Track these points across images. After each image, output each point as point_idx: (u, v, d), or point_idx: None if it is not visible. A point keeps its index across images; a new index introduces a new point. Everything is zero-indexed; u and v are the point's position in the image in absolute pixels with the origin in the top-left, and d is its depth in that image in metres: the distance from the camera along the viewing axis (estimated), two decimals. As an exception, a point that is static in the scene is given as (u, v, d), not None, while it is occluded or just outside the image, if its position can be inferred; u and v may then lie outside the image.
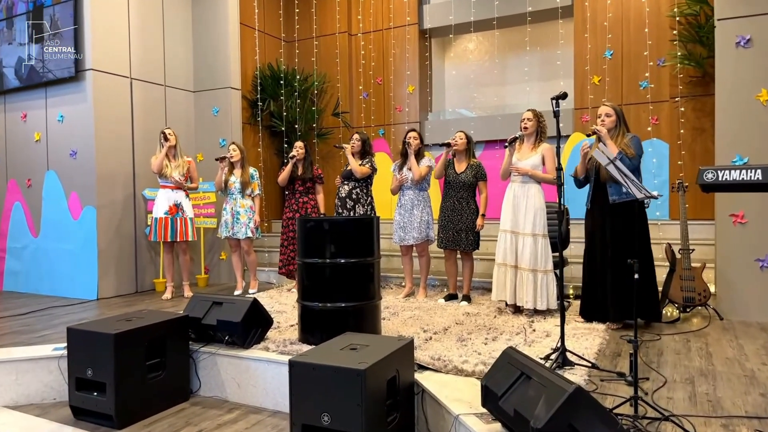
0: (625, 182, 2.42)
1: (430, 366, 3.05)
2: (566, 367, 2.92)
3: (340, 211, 5.24)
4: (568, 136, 6.58)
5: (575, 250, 5.05)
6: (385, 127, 7.70)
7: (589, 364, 2.95)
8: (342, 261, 3.48)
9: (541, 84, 7.36)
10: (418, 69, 7.55)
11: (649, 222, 4.02)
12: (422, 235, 4.97)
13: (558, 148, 2.93)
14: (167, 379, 3.32)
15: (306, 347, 3.44)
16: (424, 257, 5.11)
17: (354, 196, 5.24)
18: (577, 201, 6.01)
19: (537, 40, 7.22)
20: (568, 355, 3.00)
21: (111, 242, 5.71)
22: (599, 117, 3.97)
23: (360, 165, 5.18)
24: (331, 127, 7.83)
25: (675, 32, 5.88)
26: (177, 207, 5.43)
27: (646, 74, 6.21)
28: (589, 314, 4.08)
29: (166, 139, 5.40)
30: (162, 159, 5.39)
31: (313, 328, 3.55)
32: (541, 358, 3.11)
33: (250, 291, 5.72)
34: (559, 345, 3.01)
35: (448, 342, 3.55)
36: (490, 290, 5.28)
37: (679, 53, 5.85)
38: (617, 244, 3.89)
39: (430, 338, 3.63)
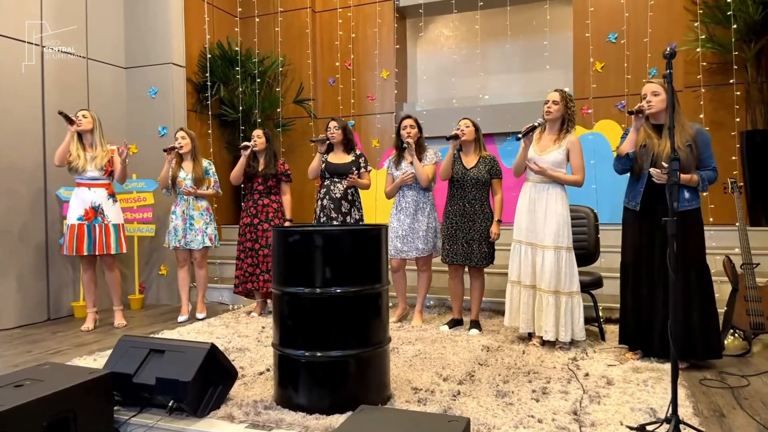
0: None
1: (482, 449, 2.07)
2: (682, 448, 2.02)
3: (334, 215, 4.17)
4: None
5: (606, 262, 4.21)
6: (356, 117, 6.68)
7: (712, 442, 2.06)
8: (338, 291, 2.46)
9: (530, 74, 6.54)
10: (393, 52, 6.56)
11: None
12: (428, 246, 3.99)
13: (671, 128, 2.03)
14: (78, 474, 2.19)
15: (289, 414, 2.40)
16: (426, 273, 4.13)
17: (350, 198, 4.20)
18: (608, 201, 5.22)
19: (526, 25, 6.41)
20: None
21: (11, 256, 4.41)
22: (644, 97, 3.18)
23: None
24: (293, 117, 6.72)
25: (698, 12, 5.16)
26: (95, 210, 4.19)
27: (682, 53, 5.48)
28: (631, 342, 3.28)
29: (71, 122, 4.12)
30: (65, 147, 4.13)
31: (296, 384, 2.50)
32: (631, 428, 2.20)
33: (198, 316, 4.57)
34: (664, 414, 2.11)
35: (484, 398, 2.58)
36: (497, 312, 4.41)
37: (701, 36, 5.12)
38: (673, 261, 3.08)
39: (458, 392, 2.66)
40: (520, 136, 3.32)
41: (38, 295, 4.60)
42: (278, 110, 6.65)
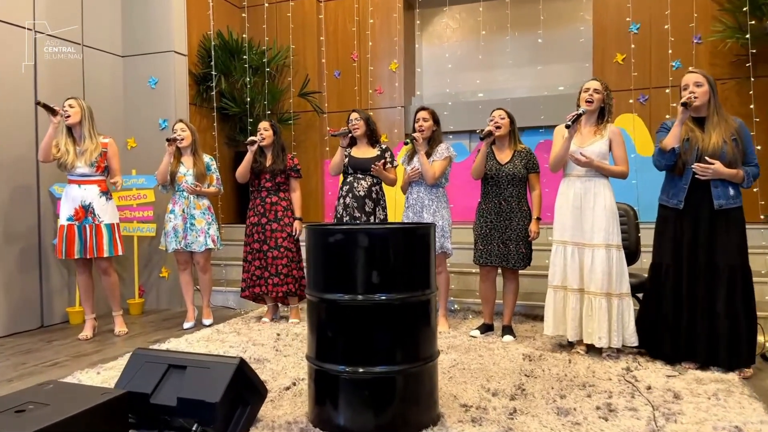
0: None
1: (565, 482, 1.80)
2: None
3: (357, 215, 3.86)
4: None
5: (647, 263, 3.95)
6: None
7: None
8: (383, 298, 2.17)
9: (547, 66, 6.30)
10: (403, 43, 6.28)
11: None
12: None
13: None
14: None
15: (330, 439, 2.11)
16: (442, 274, 3.85)
17: (374, 196, 3.90)
18: (646, 197, 4.92)
19: (546, 16, 6.17)
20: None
21: (0, 258, 4.05)
22: (685, 88, 2.99)
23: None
24: (297, 111, 6.40)
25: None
26: (85, 210, 3.82)
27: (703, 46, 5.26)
28: (658, 347, 3.09)
29: (53, 113, 3.69)
30: (48, 141, 3.72)
31: (336, 403, 2.20)
32: (724, 453, 1.94)
33: (205, 322, 4.24)
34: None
35: (545, 416, 2.31)
36: (527, 316, 4.15)
37: (726, 26, 4.90)
38: (716, 260, 2.91)
39: (514, 410, 2.38)
40: (568, 123, 3.06)
41: (30, 300, 4.24)
42: (289, 101, 6.32)
